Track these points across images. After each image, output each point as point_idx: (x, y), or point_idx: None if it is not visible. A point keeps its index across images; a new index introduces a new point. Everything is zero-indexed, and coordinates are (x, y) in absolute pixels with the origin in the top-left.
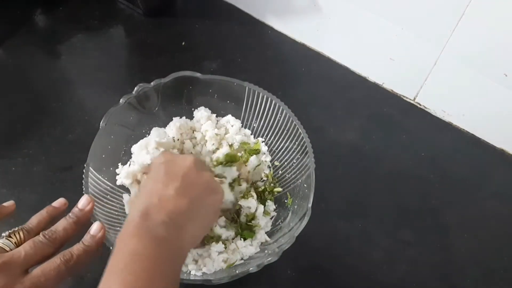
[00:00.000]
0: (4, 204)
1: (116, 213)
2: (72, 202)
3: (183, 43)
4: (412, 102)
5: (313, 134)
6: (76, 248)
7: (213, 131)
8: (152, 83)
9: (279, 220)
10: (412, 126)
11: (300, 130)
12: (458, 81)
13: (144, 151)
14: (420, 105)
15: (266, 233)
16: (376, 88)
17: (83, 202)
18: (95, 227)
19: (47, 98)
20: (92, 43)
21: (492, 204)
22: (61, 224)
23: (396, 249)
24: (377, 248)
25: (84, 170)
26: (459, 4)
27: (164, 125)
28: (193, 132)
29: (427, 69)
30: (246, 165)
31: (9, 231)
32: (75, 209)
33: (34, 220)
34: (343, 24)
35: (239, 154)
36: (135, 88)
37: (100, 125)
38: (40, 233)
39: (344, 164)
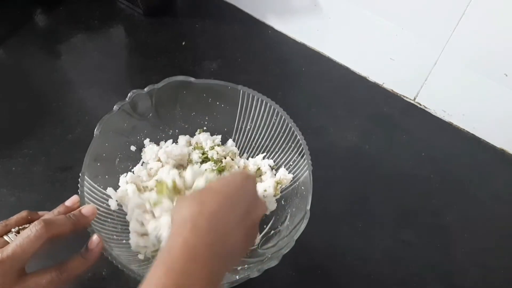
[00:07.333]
0: (83, 211)
1: (112, 222)
2: None
3: (183, 43)
4: (412, 102)
5: (313, 134)
6: (72, 261)
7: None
8: (145, 89)
9: (278, 223)
10: (412, 126)
11: (296, 132)
12: (458, 81)
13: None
14: (420, 105)
15: (264, 237)
16: (376, 88)
17: (87, 209)
18: (93, 241)
19: (47, 98)
20: (92, 43)
21: (492, 204)
22: (60, 219)
23: (396, 249)
24: (377, 248)
25: (79, 180)
26: (459, 4)
27: (158, 131)
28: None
29: (427, 69)
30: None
31: (19, 227)
32: (77, 212)
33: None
34: (343, 24)
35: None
36: (129, 94)
37: (94, 133)
38: (34, 223)
39: (344, 164)
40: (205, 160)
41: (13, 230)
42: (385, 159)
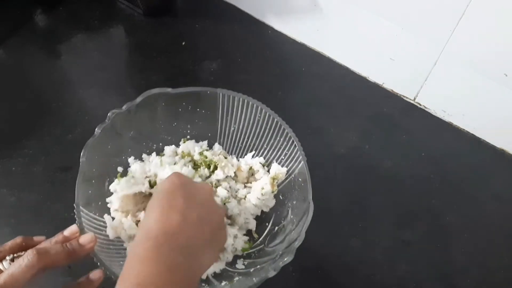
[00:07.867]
0: (81, 241)
1: (113, 247)
2: (71, 202)
3: (183, 43)
4: (412, 102)
5: (313, 134)
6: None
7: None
8: (124, 107)
9: (280, 219)
10: (412, 126)
11: (283, 125)
12: (458, 81)
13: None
14: (420, 105)
15: (268, 235)
16: (376, 88)
17: (85, 238)
18: (96, 272)
19: (47, 98)
20: (92, 43)
21: (492, 204)
22: (55, 248)
23: (396, 249)
24: (377, 248)
25: (75, 211)
26: (459, 4)
27: (142, 147)
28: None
29: (427, 69)
30: (241, 170)
31: (14, 255)
32: (74, 242)
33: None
34: (343, 24)
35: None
36: (108, 115)
37: (80, 160)
38: (28, 252)
39: (344, 164)
40: (195, 167)
41: (7, 257)
42: (385, 159)
